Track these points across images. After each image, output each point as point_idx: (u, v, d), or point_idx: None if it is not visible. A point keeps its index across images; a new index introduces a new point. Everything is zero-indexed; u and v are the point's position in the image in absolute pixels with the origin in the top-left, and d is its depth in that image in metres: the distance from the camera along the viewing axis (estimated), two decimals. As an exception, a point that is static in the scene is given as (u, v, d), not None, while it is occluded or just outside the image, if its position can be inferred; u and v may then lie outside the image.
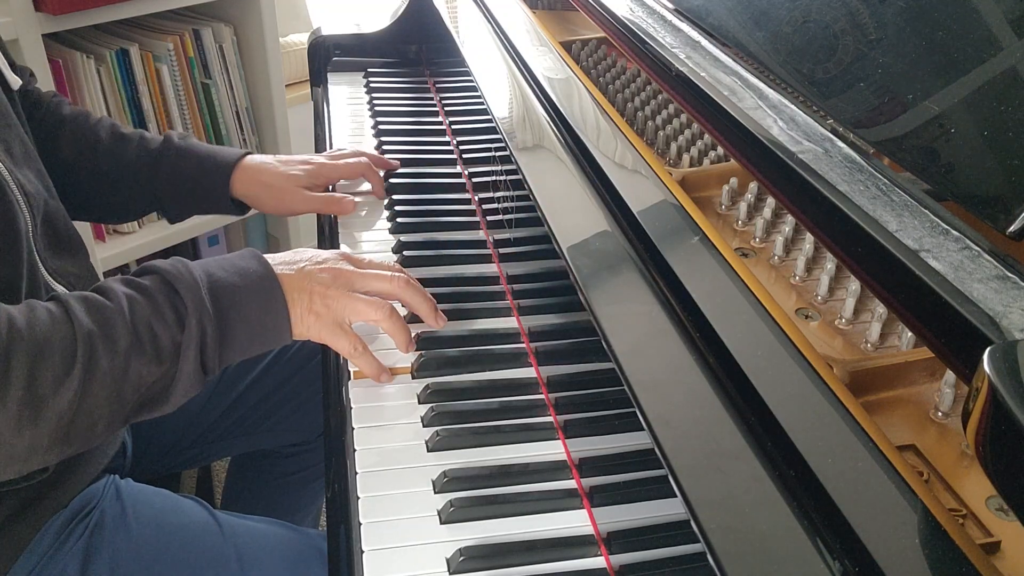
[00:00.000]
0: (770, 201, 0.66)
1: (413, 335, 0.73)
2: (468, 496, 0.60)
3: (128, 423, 0.61)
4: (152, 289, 0.62)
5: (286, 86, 1.73)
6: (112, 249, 1.53)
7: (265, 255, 0.68)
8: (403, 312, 0.75)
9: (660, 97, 0.81)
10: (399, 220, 0.94)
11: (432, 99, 1.23)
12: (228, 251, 1.83)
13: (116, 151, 0.90)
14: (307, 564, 0.75)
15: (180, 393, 0.62)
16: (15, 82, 0.81)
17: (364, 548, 0.56)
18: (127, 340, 0.59)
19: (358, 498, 0.60)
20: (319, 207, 0.94)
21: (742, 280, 0.50)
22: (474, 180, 1.00)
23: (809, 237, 0.61)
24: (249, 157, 0.93)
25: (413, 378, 0.72)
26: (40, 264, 0.71)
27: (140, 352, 0.59)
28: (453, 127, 1.12)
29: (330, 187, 0.99)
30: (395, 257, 0.88)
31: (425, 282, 0.82)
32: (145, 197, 0.93)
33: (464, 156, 1.06)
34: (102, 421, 0.58)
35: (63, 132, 0.90)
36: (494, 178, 0.90)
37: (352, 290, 0.69)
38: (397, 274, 0.72)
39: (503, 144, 0.77)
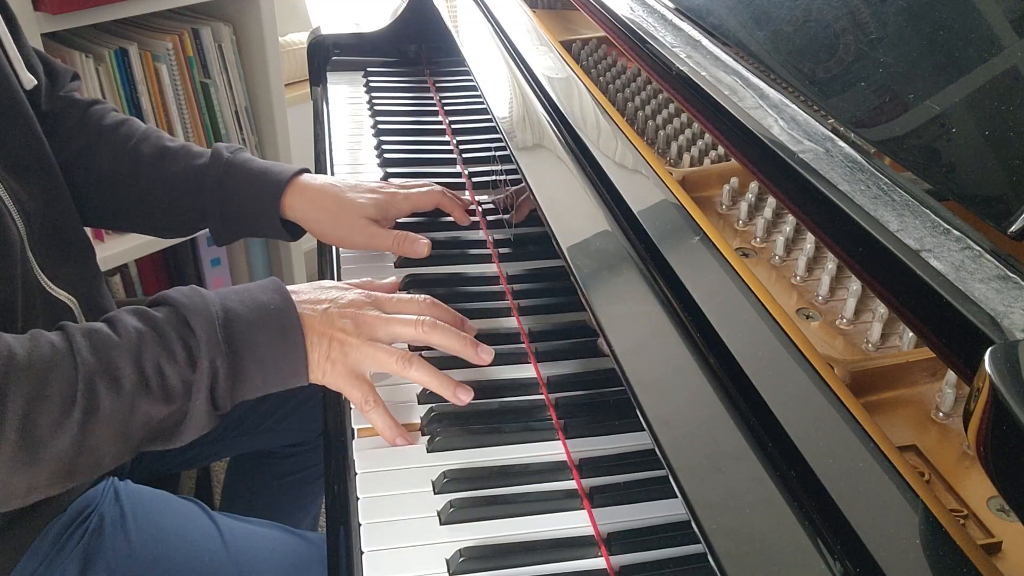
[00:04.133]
0: (771, 201, 0.66)
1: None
2: (468, 497, 0.60)
3: (137, 453, 0.60)
4: (164, 323, 0.59)
5: (285, 85, 1.73)
6: (111, 249, 1.53)
7: (289, 287, 0.65)
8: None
9: (660, 96, 0.81)
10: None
11: (432, 99, 1.23)
12: (226, 251, 1.84)
13: (159, 167, 0.84)
14: (307, 569, 0.75)
15: (191, 430, 0.60)
16: (29, 82, 0.78)
17: (364, 549, 0.56)
18: (132, 380, 0.56)
19: (358, 499, 0.60)
20: (388, 244, 0.83)
21: (743, 280, 0.50)
22: (474, 180, 1.00)
23: (810, 237, 0.61)
24: (306, 176, 0.84)
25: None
26: (39, 271, 0.70)
27: (147, 392, 0.57)
28: (453, 127, 1.12)
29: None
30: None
31: (425, 281, 0.82)
32: (191, 216, 0.86)
33: (464, 156, 1.06)
34: (108, 456, 0.57)
35: (103, 145, 0.85)
36: (494, 178, 0.90)
37: (374, 339, 0.65)
38: (423, 318, 0.67)
39: (503, 144, 0.77)
